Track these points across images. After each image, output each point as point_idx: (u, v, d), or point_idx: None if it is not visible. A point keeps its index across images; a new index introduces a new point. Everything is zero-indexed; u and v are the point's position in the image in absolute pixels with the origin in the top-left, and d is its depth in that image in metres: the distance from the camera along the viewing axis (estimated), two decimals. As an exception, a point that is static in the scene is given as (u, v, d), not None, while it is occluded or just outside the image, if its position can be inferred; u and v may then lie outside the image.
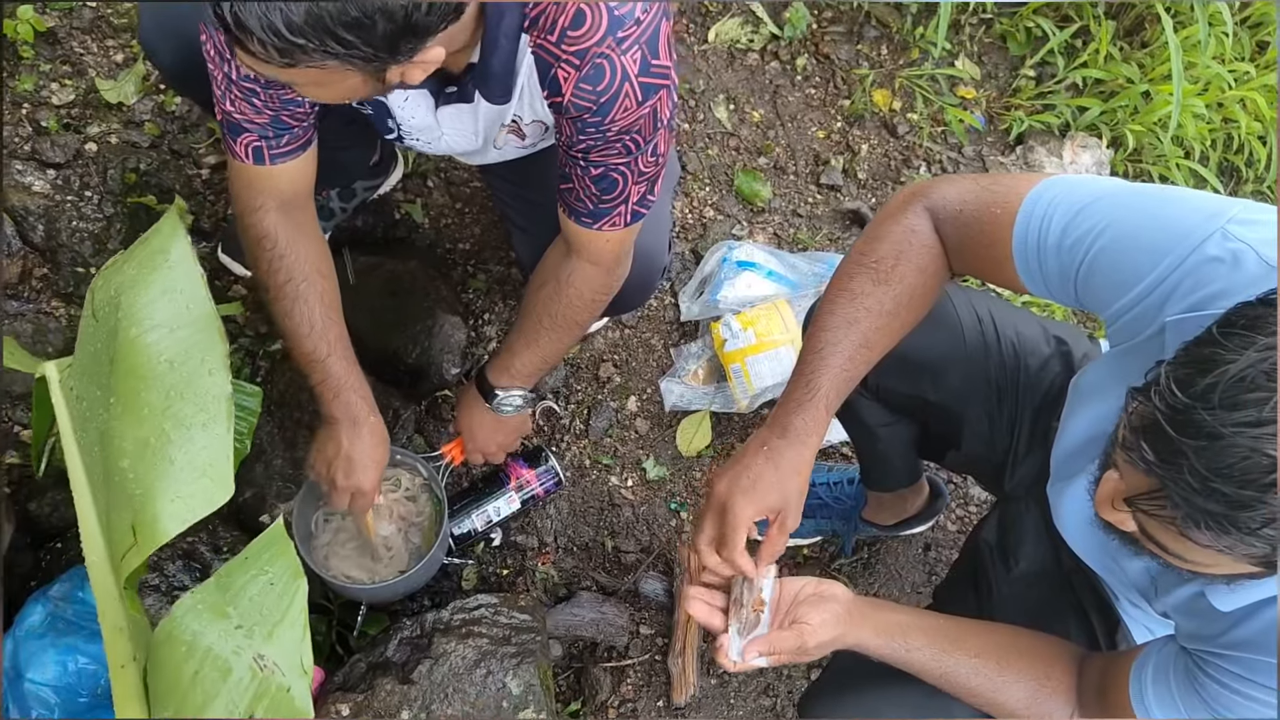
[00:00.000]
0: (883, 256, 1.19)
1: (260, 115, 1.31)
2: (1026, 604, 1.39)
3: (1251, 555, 0.79)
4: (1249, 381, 0.75)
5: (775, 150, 2.30)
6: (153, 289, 1.32)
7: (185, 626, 1.18)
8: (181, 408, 1.24)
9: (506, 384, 1.63)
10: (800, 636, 1.19)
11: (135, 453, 1.24)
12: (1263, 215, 0.97)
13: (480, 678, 1.60)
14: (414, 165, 2.12)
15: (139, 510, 1.22)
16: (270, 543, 1.21)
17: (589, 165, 1.33)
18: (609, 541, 1.96)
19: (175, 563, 1.63)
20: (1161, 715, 1.08)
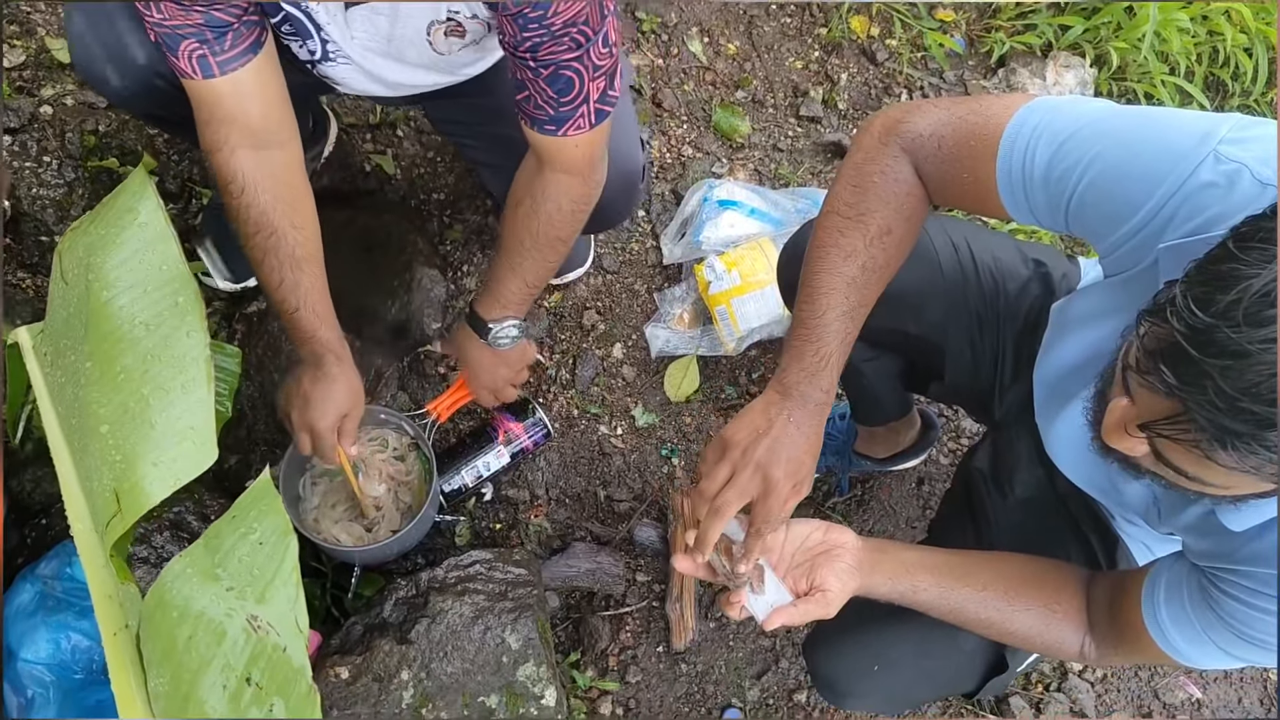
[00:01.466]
0: (870, 209, 1.15)
1: (191, 16, 1.22)
2: (1024, 530, 1.39)
3: (1276, 474, 0.77)
4: (1273, 296, 0.73)
5: (753, 83, 2.24)
6: (123, 249, 1.27)
7: (176, 592, 1.15)
8: (160, 371, 1.20)
9: (498, 315, 1.60)
10: (825, 605, 1.19)
11: (114, 418, 1.21)
12: (1255, 130, 0.94)
13: (479, 634, 1.60)
14: (382, 115, 2.06)
15: (121, 477, 1.19)
16: (257, 499, 1.17)
17: (539, 66, 1.28)
18: (601, 491, 1.94)
19: (163, 533, 1.60)
20: (1176, 632, 1.08)
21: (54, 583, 1.47)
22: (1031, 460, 1.38)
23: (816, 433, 1.18)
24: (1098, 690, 1.91)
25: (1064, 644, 1.22)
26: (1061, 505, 1.37)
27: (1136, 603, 1.13)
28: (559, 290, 2.04)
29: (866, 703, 1.59)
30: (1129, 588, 1.16)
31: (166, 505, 1.64)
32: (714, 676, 1.87)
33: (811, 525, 1.23)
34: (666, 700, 1.84)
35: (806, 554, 1.21)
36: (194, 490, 1.67)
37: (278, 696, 1.14)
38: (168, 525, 1.61)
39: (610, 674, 1.83)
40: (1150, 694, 1.92)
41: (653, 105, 2.18)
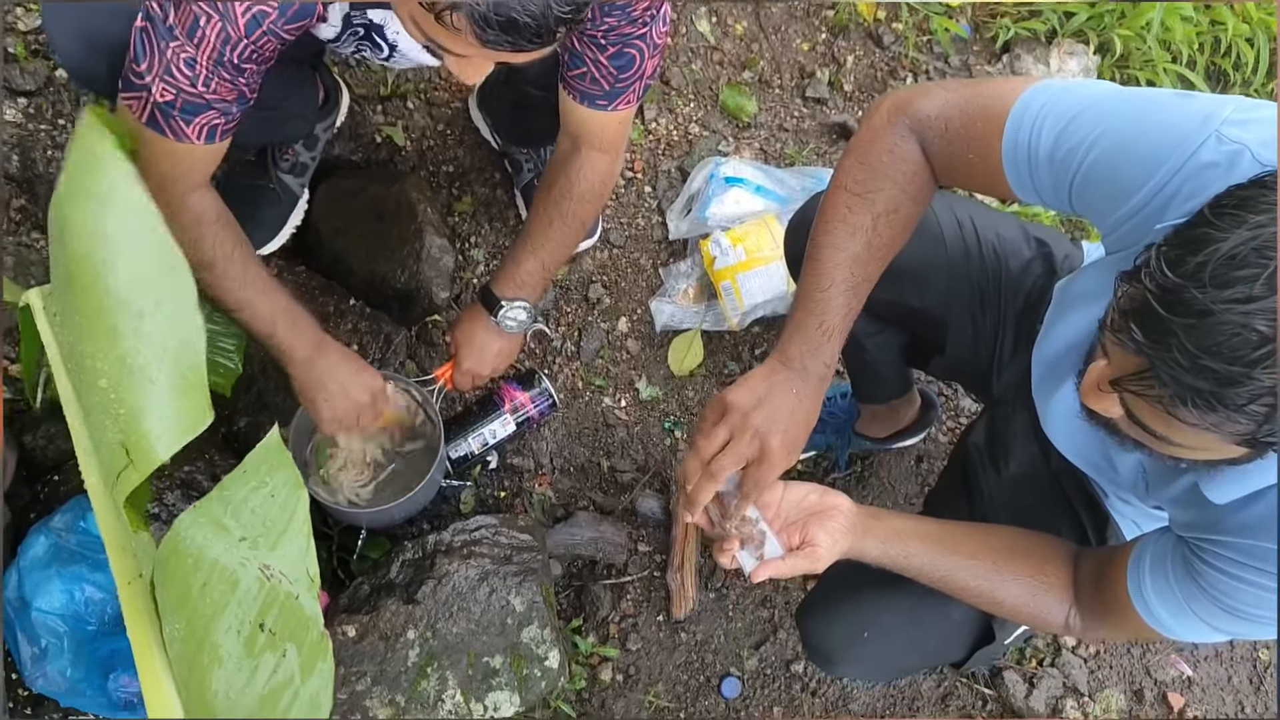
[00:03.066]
0: (877, 187, 1.18)
1: (234, 92, 1.27)
2: (1017, 505, 1.42)
3: (1237, 433, 0.80)
4: (1240, 259, 0.76)
5: (759, 64, 2.26)
6: (91, 202, 1.23)
7: (189, 540, 1.16)
8: (154, 329, 1.19)
9: (512, 294, 1.63)
10: (813, 559, 1.21)
11: (113, 372, 1.20)
12: (1257, 113, 0.96)
13: (484, 596, 1.62)
14: (393, 87, 2.08)
15: (127, 430, 1.19)
16: (267, 455, 1.18)
17: (608, 45, 1.34)
18: (604, 462, 1.97)
19: (174, 491, 1.62)
20: (1160, 605, 1.11)
21: (67, 535, 1.49)
22: (1027, 437, 1.41)
23: (815, 405, 1.21)
24: (1090, 666, 1.94)
25: (1050, 615, 1.25)
26: (1055, 482, 1.40)
27: (1122, 575, 1.15)
28: (566, 263, 2.06)
29: (857, 669, 1.62)
30: (1115, 561, 1.18)
31: (177, 464, 1.67)
32: (713, 646, 1.89)
33: (809, 487, 1.26)
34: (666, 668, 1.87)
35: (801, 513, 1.24)
36: (205, 450, 1.70)
37: (290, 642, 1.17)
38: (179, 484, 1.64)
39: (611, 641, 1.86)
40: (1142, 671, 1.95)
41: (661, 83, 2.20)
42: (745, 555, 1.21)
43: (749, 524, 1.22)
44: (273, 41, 1.23)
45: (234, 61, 1.22)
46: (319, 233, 1.93)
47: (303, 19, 1.23)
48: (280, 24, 1.21)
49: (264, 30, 1.20)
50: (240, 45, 1.21)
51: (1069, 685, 1.91)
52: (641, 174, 2.15)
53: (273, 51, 1.26)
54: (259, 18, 1.19)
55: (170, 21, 1.20)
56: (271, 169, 1.87)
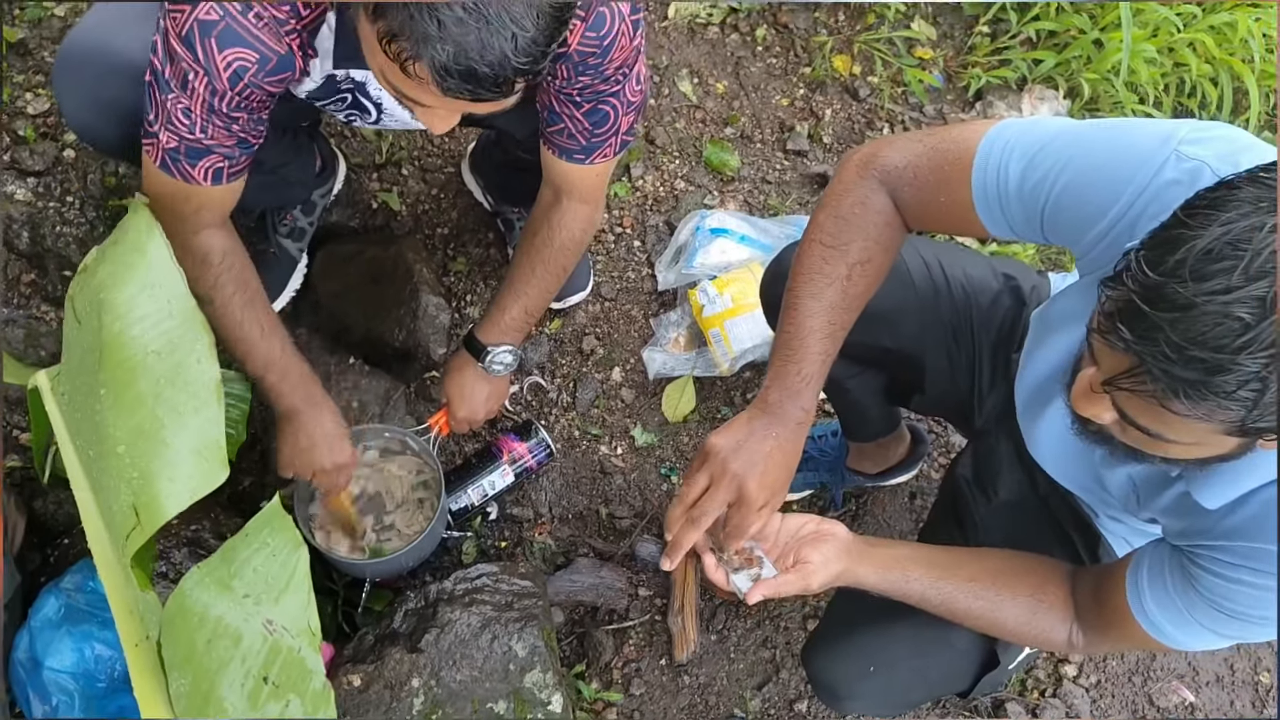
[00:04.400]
0: (850, 239, 1.22)
1: (231, 138, 1.34)
2: (1008, 531, 1.44)
3: (1229, 420, 0.83)
4: (1215, 253, 0.80)
5: (741, 120, 2.34)
6: (131, 285, 1.34)
7: (194, 598, 1.22)
8: (173, 395, 1.27)
9: (497, 340, 1.68)
10: (804, 578, 1.24)
11: (130, 440, 1.27)
12: (1210, 132, 1.02)
13: (486, 643, 1.65)
14: (388, 155, 2.16)
15: (139, 492, 1.25)
16: (269, 519, 1.24)
17: (582, 102, 1.41)
18: (603, 509, 2.00)
19: (181, 550, 1.66)
20: (1161, 614, 1.12)
21: (77, 595, 1.52)
22: (1013, 464, 1.44)
23: (794, 449, 1.25)
24: (1093, 695, 1.95)
25: (1052, 633, 1.26)
26: (1043, 506, 1.42)
27: (1121, 589, 1.17)
28: (560, 316, 2.12)
29: (864, 705, 1.63)
30: (1113, 575, 1.20)
31: (184, 523, 1.71)
32: (716, 688, 1.91)
33: (806, 517, 1.29)
34: (670, 712, 1.88)
35: (797, 540, 1.27)
36: (210, 510, 1.74)
37: (293, 694, 1.20)
38: (185, 542, 1.68)
39: (614, 686, 1.88)
40: (1144, 699, 1.96)
41: (646, 142, 2.28)
42: (741, 578, 1.24)
43: (746, 552, 1.25)
44: (258, 93, 1.29)
45: (224, 110, 1.29)
46: (319, 295, 1.99)
47: (284, 72, 1.29)
48: (261, 77, 1.27)
49: (246, 83, 1.26)
50: (227, 96, 1.27)
51: (1072, 715, 1.91)
52: (631, 229, 2.22)
53: (260, 101, 1.32)
54: (240, 72, 1.25)
55: (167, 75, 1.28)
56: (271, 234, 1.94)
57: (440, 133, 1.28)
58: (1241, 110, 2.41)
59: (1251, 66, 2.32)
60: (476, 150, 2.12)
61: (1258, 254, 0.79)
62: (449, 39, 1.02)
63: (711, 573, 1.25)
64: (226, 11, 1.21)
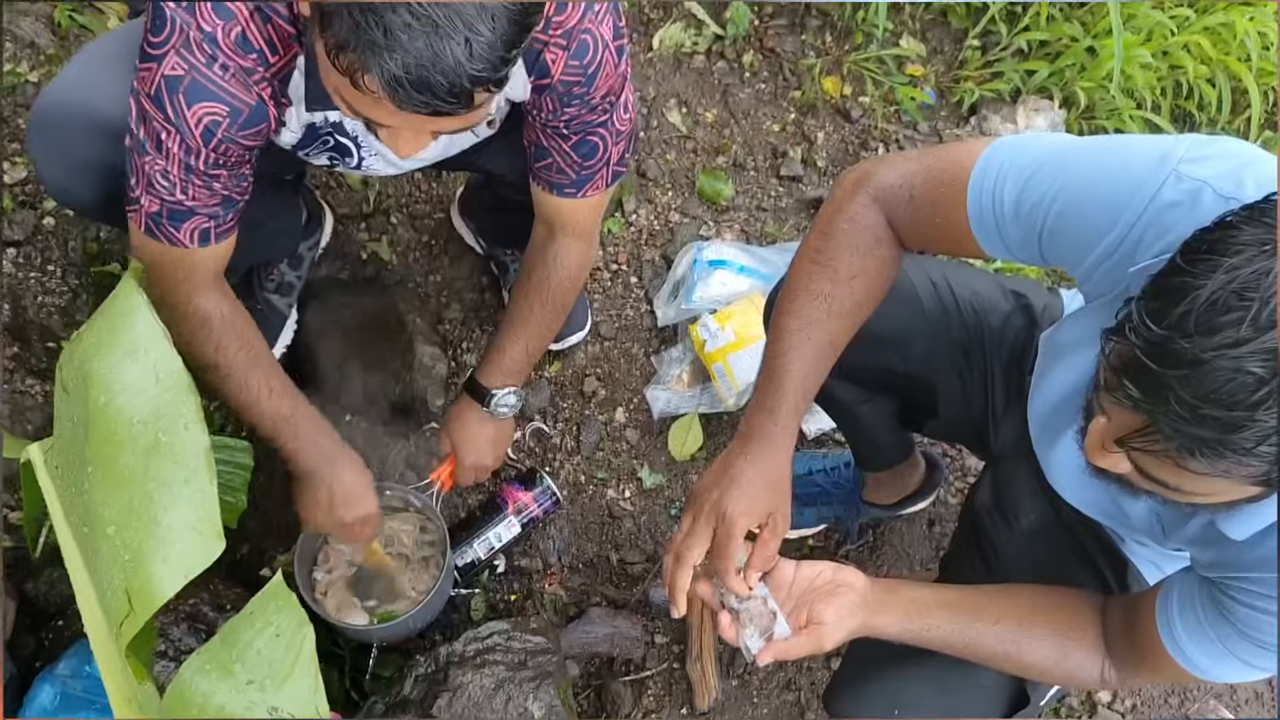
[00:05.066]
0: (838, 254, 1.20)
1: (214, 197, 1.30)
2: (1033, 561, 1.39)
3: (1250, 475, 0.79)
4: (1221, 304, 0.76)
5: (732, 148, 2.30)
6: (116, 353, 1.29)
7: (195, 688, 1.16)
8: (161, 467, 1.22)
9: (500, 383, 1.64)
10: (817, 640, 1.19)
11: (120, 519, 1.22)
12: (1211, 149, 0.98)
13: (500, 704, 1.59)
14: (375, 204, 2.12)
15: (131, 575, 1.19)
16: (272, 596, 1.19)
17: (570, 134, 1.37)
18: (613, 555, 1.95)
19: (180, 626, 1.60)
20: (1194, 647, 1.08)
21: (73, 681, 1.47)
22: (1034, 490, 1.39)
23: (776, 467, 1.21)
24: (1130, 721, 1.89)
25: (1083, 671, 1.22)
26: (1067, 533, 1.38)
27: (1151, 622, 1.13)
28: (559, 359, 2.07)
29: None
30: (1143, 608, 1.16)
31: (182, 598, 1.65)
32: (740, 735, 1.85)
33: (822, 565, 1.24)
34: (695, 763, 1.82)
35: (812, 592, 1.22)
36: (209, 582, 1.68)
37: (302, 785, 1.15)
38: (184, 618, 1.62)
39: (636, 740, 1.82)
40: (1183, 721, 1.90)
41: (638, 175, 2.24)
42: (751, 636, 1.18)
43: (759, 603, 1.20)
44: (234, 148, 1.25)
45: (202, 169, 1.25)
46: (311, 351, 1.94)
47: (258, 124, 1.25)
48: (235, 130, 1.23)
49: (219, 138, 1.22)
50: (202, 154, 1.23)
51: (1112, 743, 1.85)
52: (626, 265, 2.18)
53: (238, 157, 1.28)
54: (212, 127, 1.21)
55: (142, 137, 1.24)
56: (258, 290, 1.89)
57: (406, 155, 1.23)
58: (1241, 110, 2.37)
59: (1249, 65, 2.28)
60: (466, 194, 2.08)
61: (1265, 303, 0.75)
62: (397, 47, 0.97)
63: (725, 631, 1.19)
64: (192, 65, 1.17)
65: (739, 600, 1.18)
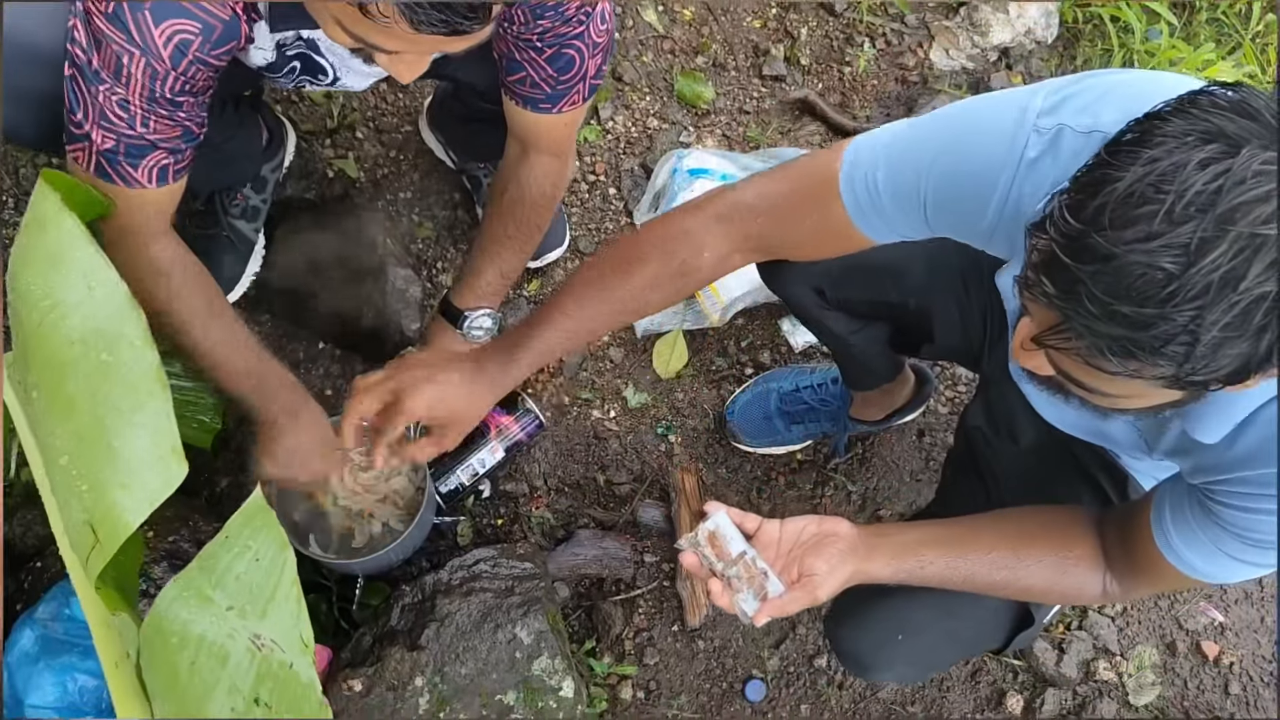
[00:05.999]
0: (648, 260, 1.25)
1: (175, 129, 1.22)
2: (1034, 479, 1.38)
3: (1160, 376, 0.77)
4: (1137, 196, 0.73)
5: (712, 47, 2.20)
6: (40, 266, 1.20)
7: (173, 617, 1.12)
8: (109, 390, 1.14)
9: (474, 305, 1.59)
10: (811, 592, 1.17)
11: (71, 449, 1.15)
12: (1065, 90, 0.98)
13: (489, 633, 1.58)
14: (339, 119, 2.03)
15: (92, 507, 1.14)
16: (250, 516, 1.13)
17: (544, 47, 1.31)
18: (600, 476, 1.92)
19: (160, 565, 1.58)
20: (1191, 553, 1.08)
21: (53, 624, 1.45)
22: (1027, 408, 1.36)
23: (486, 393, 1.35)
24: (1119, 624, 1.89)
25: (1084, 588, 1.21)
26: (1065, 449, 1.35)
27: (1147, 532, 1.12)
28: (538, 276, 2.01)
29: (895, 673, 1.58)
30: (1137, 518, 1.15)
31: (161, 535, 1.62)
32: (732, 650, 1.85)
33: (805, 520, 1.21)
34: (687, 678, 1.83)
35: (800, 547, 1.19)
36: (187, 518, 1.65)
37: (289, 714, 1.12)
38: (163, 555, 1.59)
39: (628, 658, 1.82)
40: (1172, 622, 1.91)
41: (613, 80, 2.14)
42: (746, 599, 1.16)
43: (749, 565, 1.17)
44: (203, 70, 1.18)
45: (167, 97, 1.18)
46: (280, 277, 1.87)
47: (229, 41, 1.17)
48: (207, 50, 1.15)
49: (190, 59, 1.15)
50: (170, 79, 1.16)
51: (1099, 646, 1.86)
52: (604, 176, 2.10)
53: (205, 81, 1.20)
54: (183, 46, 1.13)
55: (95, 65, 1.15)
56: (222, 216, 1.82)
57: (409, 81, 1.16)
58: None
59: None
60: (434, 105, 1.99)
61: (1181, 195, 0.72)
62: None
63: (718, 599, 1.17)
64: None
65: (728, 566, 1.15)
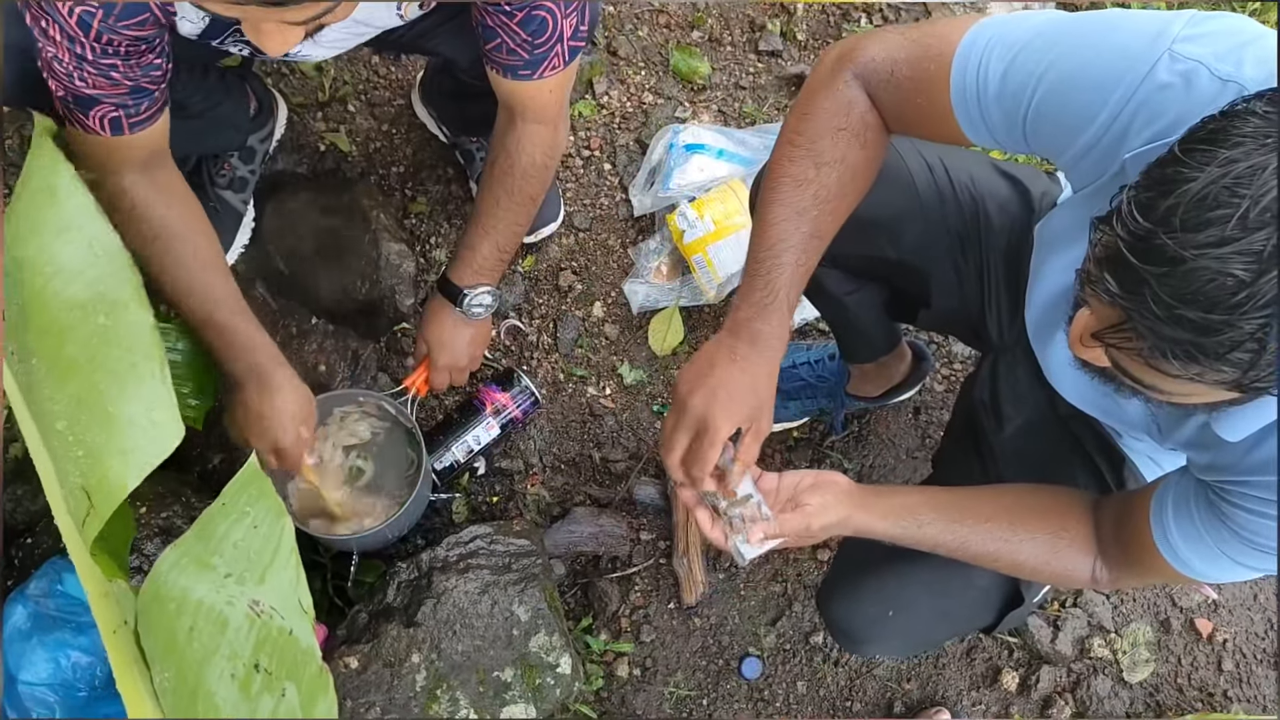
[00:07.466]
0: (820, 136, 1.13)
1: (118, 87, 1.23)
2: (1030, 457, 1.37)
3: (1222, 380, 0.76)
4: (1210, 199, 0.71)
5: (708, 22, 2.18)
6: (45, 232, 1.20)
7: (171, 583, 1.10)
8: (107, 353, 1.13)
9: (473, 282, 1.57)
10: (805, 517, 1.17)
11: (69, 412, 1.14)
12: (1210, 25, 0.91)
13: (486, 609, 1.57)
14: (331, 92, 2.00)
15: (88, 471, 1.13)
16: (247, 483, 1.12)
17: (513, 10, 1.28)
18: (596, 453, 1.91)
19: (153, 540, 1.56)
20: (1189, 550, 1.06)
21: (46, 601, 1.43)
22: (1030, 384, 1.36)
23: (765, 370, 1.17)
24: (1114, 602, 1.90)
25: (1074, 571, 1.21)
26: (1064, 428, 1.35)
27: (1145, 522, 1.11)
28: (532, 252, 1.99)
29: (885, 648, 1.58)
30: (1136, 508, 1.14)
31: (153, 510, 1.60)
32: (728, 627, 1.85)
33: (804, 472, 1.22)
34: (683, 656, 1.82)
35: (798, 494, 1.20)
36: (181, 494, 1.63)
37: (288, 680, 1.11)
38: (157, 531, 1.57)
39: (624, 635, 1.82)
40: (1166, 600, 1.91)
41: (608, 54, 2.12)
42: (743, 541, 1.16)
43: (754, 509, 1.17)
44: (119, 39, 1.18)
45: (90, 59, 1.18)
46: (271, 251, 1.85)
47: (137, 15, 1.17)
48: (111, 22, 1.15)
49: (98, 29, 1.15)
50: (85, 46, 1.17)
51: (1094, 624, 1.87)
52: (599, 151, 2.08)
53: (131, 48, 1.20)
54: (85, 18, 1.14)
55: (30, 23, 1.18)
56: (209, 186, 1.79)
57: (276, 54, 1.12)
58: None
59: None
60: (426, 79, 1.96)
61: (1257, 200, 0.69)
62: None
63: (709, 530, 1.17)
64: None
65: (731, 505, 1.15)
